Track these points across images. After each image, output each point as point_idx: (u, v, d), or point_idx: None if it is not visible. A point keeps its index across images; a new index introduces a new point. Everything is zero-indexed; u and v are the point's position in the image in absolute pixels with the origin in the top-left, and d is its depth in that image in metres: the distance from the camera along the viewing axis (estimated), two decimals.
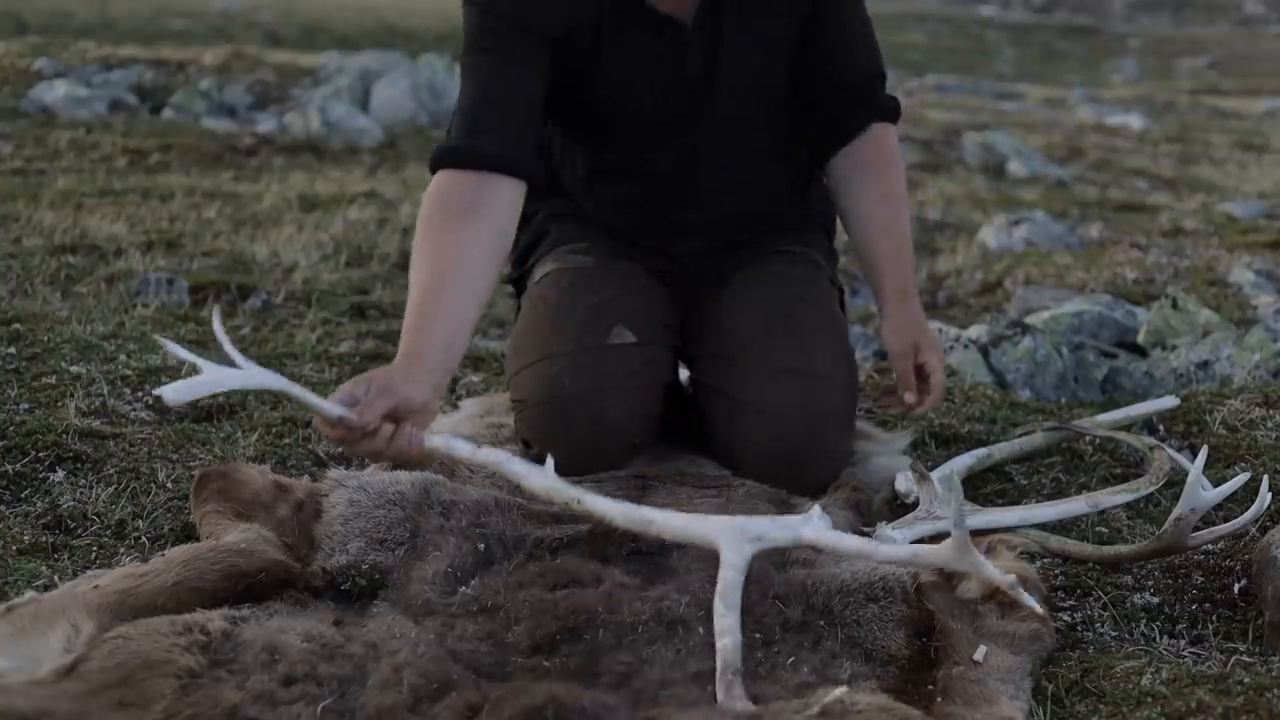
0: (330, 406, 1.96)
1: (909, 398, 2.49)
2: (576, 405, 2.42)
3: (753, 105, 2.55)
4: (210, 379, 1.86)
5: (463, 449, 2.01)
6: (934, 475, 2.36)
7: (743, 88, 2.50)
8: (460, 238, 2.22)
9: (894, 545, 1.91)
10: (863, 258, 2.58)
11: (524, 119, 2.35)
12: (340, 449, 2.70)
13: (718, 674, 1.68)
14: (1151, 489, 2.44)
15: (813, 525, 1.90)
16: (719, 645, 1.71)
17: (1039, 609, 1.88)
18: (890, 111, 2.60)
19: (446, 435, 2.04)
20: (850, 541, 1.92)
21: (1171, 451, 2.58)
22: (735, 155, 2.58)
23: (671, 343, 2.60)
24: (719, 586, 1.79)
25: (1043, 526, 2.32)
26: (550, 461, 2.02)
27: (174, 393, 1.78)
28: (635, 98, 2.48)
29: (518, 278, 2.76)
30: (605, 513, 1.95)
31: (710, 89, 2.48)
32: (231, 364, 1.93)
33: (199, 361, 1.89)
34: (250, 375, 1.91)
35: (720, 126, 2.53)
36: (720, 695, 1.65)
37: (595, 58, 2.43)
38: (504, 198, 2.30)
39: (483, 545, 2.01)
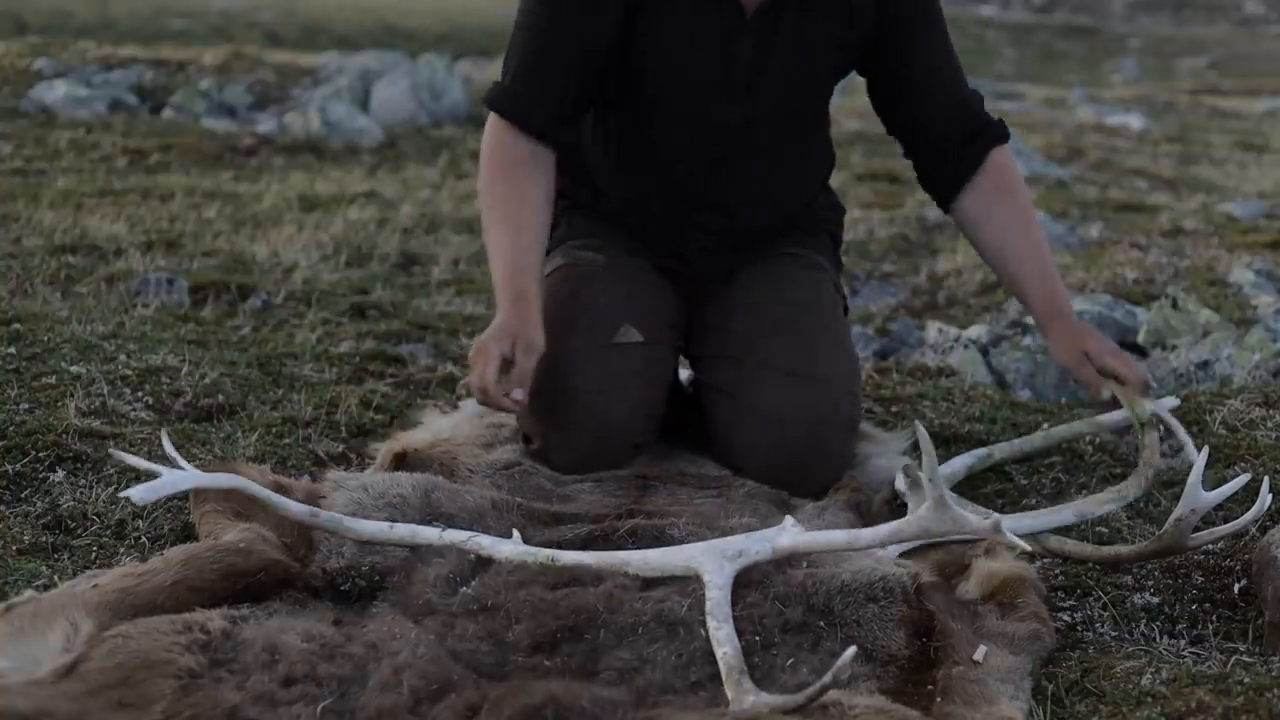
0: (294, 505, 2.04)
1: (1106, 394, 2.50)
2: (582, 403, 2.42)
3: (792, 103, 2.53)
4: (170, 480, 1.96)
5: (429, 534, 2.02)
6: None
7: (787, 84, 2.49)
8: (527, 188, 2.44)
9: (874, 529, 1.92)
10: (1010, 288, 2.64)
11: (565, 91, 2.45)
12: (341, 449, 2.71)
13: (724, 678, 1.68)
14: (1138, 494, 2.43)
15: (788, 534, 1.91)
16: (719, 654, 1.72)
17: (1026, 546, 1.91)
18: (1000, 135, 2.59)
19: (411, 525, 2.06)
20: (831, 537, 1.92)
21: (1171, 420, 2.56)
22: (767, 154, 2.56)
23: (676, 343, 2.60)
24: (708, 605, 1.79)
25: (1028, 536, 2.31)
26: (516, 534, 2.05)
27: (140, 495, 1.90)
28: (674, 73, 2.45)
29: None
30: (582, 563, 1.94)
31: (755, 83, 2.46)
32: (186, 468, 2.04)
33: (156, 468, 1.98)
34: (206, 475, 2.02)
35: (756, 122, 2.51)
36: (731, 694, 1.66)
37: (641, 18, 2.41)
38: (549, 156, 2.49)
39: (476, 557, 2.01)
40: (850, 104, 8.75)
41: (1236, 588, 2.14)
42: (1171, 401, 2.93)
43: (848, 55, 2.52)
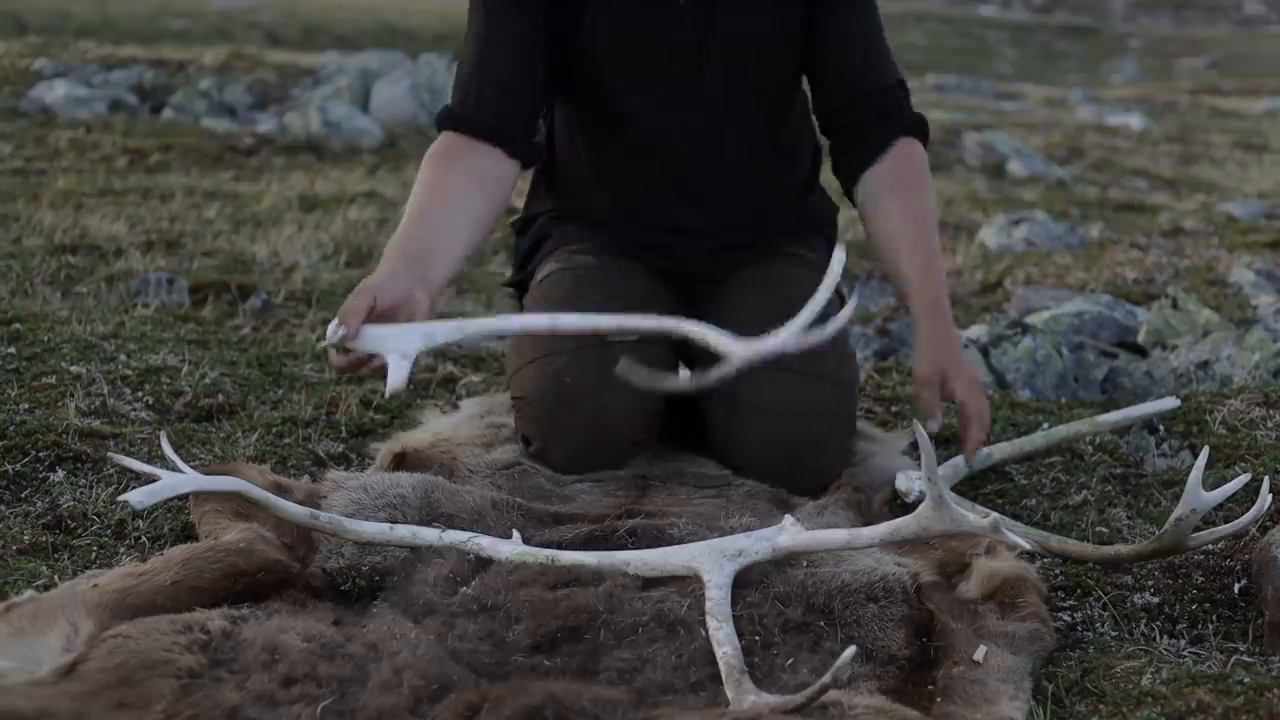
0: (294, 507, 2.04)
1: (931, 425, 2.44)
2: (578, 401, 2.43)
3: (746, 90, 2.56)
4: (170, 483, 1.99)
5: (429, 535, 2.03)
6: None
7: (735, 69, 2.52)
8: (448, 174, 2.42)
9: (873, 526, 1.92)
10: (891, 276, 2.61)
11: (516, 89, 2.48)
12: (341, 449, 2.71)
13: (724, 677, 1.68)
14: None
15: (788, 533, 1.91)
16: (719, 654, 1.72)
17: (1026, 545, 1.91)
18: (916, 127, 2.59)
19: (411, 526, 2.07)
20: (831, 536, 1.92)
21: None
22: (732, 143, 2.58)
23: (672, 342, 2.60)
24: (708, 605, 1.79)
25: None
26: (516, 534, 2.05)
27: (139, 499, 1.93)
28: (619, 59, 2.51)
29: (520, 281, 2.76)
30: (582, 563, 1.95)
31: (701, 67, 2.51)
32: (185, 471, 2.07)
33: (156, 471, 2.01)
34: (206, 479, 2.05)
35: (713, 107, 2.54)
36: (731, 694, 1.66)
37: (583, 8, 2.48)
38: (492, 152, 2.46)
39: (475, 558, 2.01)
40: None
41: (1236, 588, 2.14)
42: (1172, 402, 2.93)
43: (797, 11, 2.55)
